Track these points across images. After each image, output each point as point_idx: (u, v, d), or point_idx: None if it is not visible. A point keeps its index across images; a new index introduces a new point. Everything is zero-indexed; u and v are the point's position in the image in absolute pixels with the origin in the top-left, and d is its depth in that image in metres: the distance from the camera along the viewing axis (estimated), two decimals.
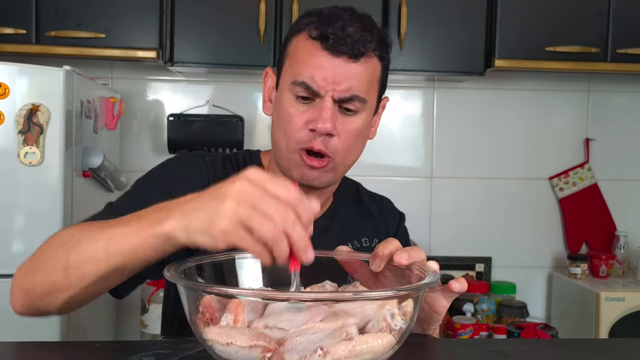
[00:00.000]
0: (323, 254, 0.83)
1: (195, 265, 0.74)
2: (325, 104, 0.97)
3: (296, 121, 0.99)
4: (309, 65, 0.98)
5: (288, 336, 0.61)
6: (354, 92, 0.98)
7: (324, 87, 0.97)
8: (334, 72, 0.97)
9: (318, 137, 0.99)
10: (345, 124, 1.00)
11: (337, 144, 1.00)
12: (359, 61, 0.98)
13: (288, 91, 1.01)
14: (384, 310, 0.64)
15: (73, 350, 0.84)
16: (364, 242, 1.13)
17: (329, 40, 0.96)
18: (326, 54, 0.97)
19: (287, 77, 1.02)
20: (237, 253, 0.80)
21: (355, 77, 0.98)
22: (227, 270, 0.79)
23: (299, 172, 1.02)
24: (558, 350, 0.86)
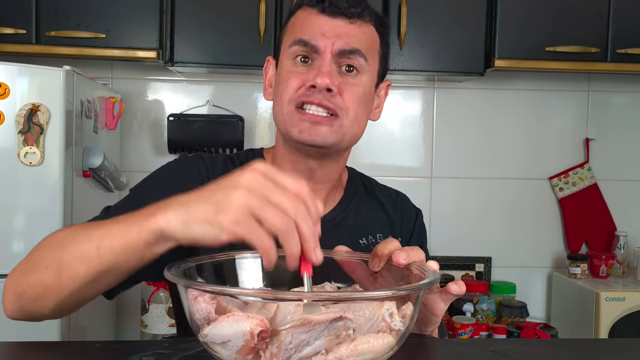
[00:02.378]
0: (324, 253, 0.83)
1: (195, 265, 0.74)
2: (324, 60, 0.96)
3: (294, 81, 0.97)
4: (307, 27, 0.98)
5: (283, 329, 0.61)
6: (354, 45, 0.97)
7: (322, 42, 0.96)
8: (332, 30, 0.97)
9: (317, 93, 0.96)
10: (347, 83, 0.98)
11: (339, 101, 0.97)
12: (356, 23, 0.98)
13: (287, 57, 1.00)
14: (382, 310, 0.63)
15: (73, 350, 0.84)
16: (378, 238, 1.08)
17: (324, 2, 0.97)
18: (323, 16, 0.98)
19: (286, 46, 1.01)
20: (237, 253, 0.80)
21: (354, 34, 0.98)
22: (227, 270, 0.79)
23: (298, 129, 0.97)
24: (558, 350, 0.86)
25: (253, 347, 0.59)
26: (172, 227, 0.69)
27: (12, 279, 0.87)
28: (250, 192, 0.65)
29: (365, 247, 1.06)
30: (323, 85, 0.95)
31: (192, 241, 0.69)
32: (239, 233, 0.65)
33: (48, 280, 0.81)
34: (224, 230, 0.65)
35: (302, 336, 0.60)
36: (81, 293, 0.81)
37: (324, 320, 0.59)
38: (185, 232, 0.68)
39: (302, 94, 0.96)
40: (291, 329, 0.59)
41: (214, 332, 0.61)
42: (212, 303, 0.63)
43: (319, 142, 0.97)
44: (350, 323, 0.60)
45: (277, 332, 0.60)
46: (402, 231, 1.13)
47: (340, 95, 0.97)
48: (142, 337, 2.31)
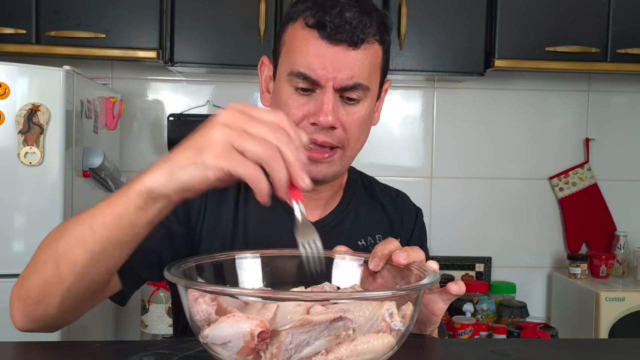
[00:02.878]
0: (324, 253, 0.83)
1: (195, 265, 0.74)
2: (327, 96, 0.93)
3: (295, 113, 0.94)
4: (306, 54, 0.93)
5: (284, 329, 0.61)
6: (356, 80, 0.94)
7: (324, 77, 0.92)
8: (334, 61, 0.92)
9: (320, 131, 0.94)
10: (349, 114, 0.95)
11: (341, 135, 0.96)
12: (359, 48, 0.93)
13: (286, 83, 0.96)
14: (382, 310, 0.63)
15: (73, 350, 0.84)
16: (377, 239, 1.07)
17: (326, 29, 0.91)
18: (324, 42, 0.92)
19: (284, 68, 0.97)
20: (237, 253, 0.80)
21: (356, 65, 0.93)
22: (227, 270, 0.79)
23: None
24: (558, 350, 0.86)
25: (253, 347, 0.59)
26: (158, 182, 0.69)
27: (16, 286, 0.86)
28: (229, 127, 0.65)
29: (364, 248, 1.06)
30: (327, 124, 0.93)
31: (181, 190, 0.68)
32: (224, 167, 0.65)
33: (48, 274, 0.80)
34: (209, 168, 0.66)
35: (302, 336, 0.60)
36: (83, 281, 0.79)
37: (324, 320, 0.59)
38: (172, 182, 0.68)
39: (306, 130, 0.93)
40: (291, 330, 0.59)
41: (215, 333, 0.61)
42: (212, 304, 0.63)
43: (320, 179, 0.98)
44: (350, 323, 0.60)
45: (277, 332, 0.60)
46: (402, 231, 1.12)
47: (343, 128, 0.95)
48: (142, 337, 2.31)
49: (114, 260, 0.79)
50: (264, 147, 0.64)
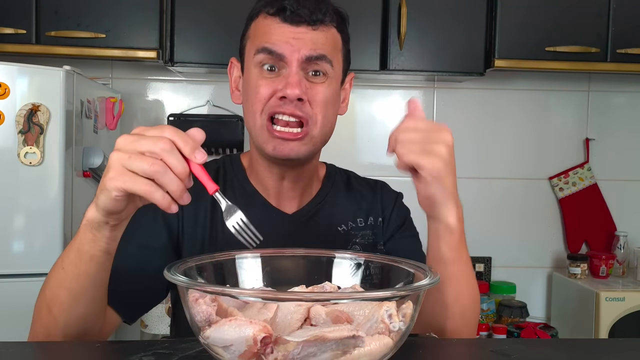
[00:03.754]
0: (324, 253, 0.83)
1: (195, 265, 0.74)
2: (292, 69, 0.97)
3: (263, 91, 0.98)
4: (270, 34, 0.98)
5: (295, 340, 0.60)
6: (319, 51, 0.98)
7: (289, 50, 0.97)
8: (297, 38, 0.97)
9: (288, 104, 0.97)
10: (315, 90, 0.98)
11: (309, 110, 0.98)
12: (319, 29, 0.98)
13: (253, 66, 1.00)
14: (382, 311, 0.63)
15: (73, 350, 0.84)
16: (359, 222, 1.10)
17: (286, 12, 0.97)
18: (286, 25, 0.97)
19: (250, 53, 1.01)
20: (237, 253, 0.80)
21: (319, 41, 0.98)
22: (227, 270, 0.79)
23: (271, 146, 0.99)
24: (558, 350, 0.86)
25: (256, 352, 0.59)
26: (91, 212, 0.77)
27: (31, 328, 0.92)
28: (120, 151, 0.72)
29: (345, 232, 1.09)
30: (293, 97, 0.96)
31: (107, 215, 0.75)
32: (119, 187, 0.71)
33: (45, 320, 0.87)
34: (110, 190, 0.72)
35: (310, 349, 0.60)
36: (74, 318, 0.85)
37: (338, 338, 0.59)
38: (99, 209, 0.75)
39: (273, 104, 0.97)
40: (302, 342, 0.59)
41: (216, 335, 0.61)
42: (213, 305, 0.63)
43: (293, 156, 1.00)
44: (361, 342, 0.60)
45: (286, 341, 0.60)
46: (382, 214, 1.14)
47: (310, 102, 0.98)
48: (142, 337, 2.31)
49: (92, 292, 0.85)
50: (149, 163, 0.69)
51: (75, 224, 1.84)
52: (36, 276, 1.74)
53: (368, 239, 1.10)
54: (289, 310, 0.65)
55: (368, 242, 1.10)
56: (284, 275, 0.81)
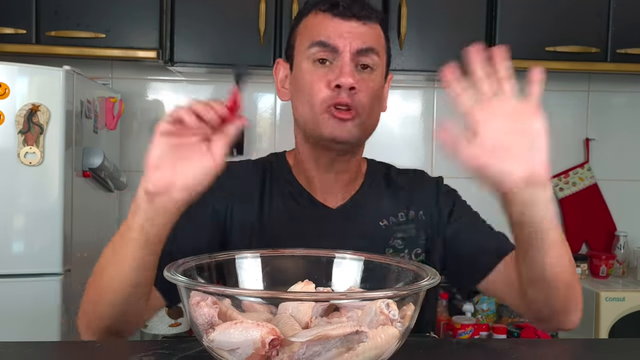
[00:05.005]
0: (324, 253, 0.83)
1: (195, 265, 0.74)
2: (345, 60, 1.02)
3: (318, 84, 1.03)
4: (324, 29, 1.03)
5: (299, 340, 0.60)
6: (369, 44, 1.04)
7: (342, 42, 1.02)
8: (349, 31, 1.03)
9: (343, 92, 1.01)
10: (365, 80, 1.04)
11: (361, 98, 1.03)
12: (368, 24, 1.04)
13: (305, 59, 1.05)
14: (378, 302, 0.63)
15: (73, 350, 0.84)
16: (400, 217, 1.13)
17: (339, 7, 1.03)
18: (338, 19, 1.03)
19: (303, 48, 1.05)
20: (238, 253, 0.80)
21: (368, 34, 1.04)
22: (227, 270, 0.79)
23: (329, 129, 1.03)
24: (558, 350, 0.86)
25: (263, 354, 0.59)
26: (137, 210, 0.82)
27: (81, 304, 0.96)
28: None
29: (387, 227, 1.11)
30: (347, 85, 1.01)
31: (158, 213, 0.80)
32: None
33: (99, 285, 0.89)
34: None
35: (315, 348, 0.60)
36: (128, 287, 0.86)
37: (341, 334, 0.59)
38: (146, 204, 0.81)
39: (330, 96, 1.02)
40: (307, 342, 0.59)
41: (222, 338, 0.61)
42: (215, 307, 0.63)
43: (348, 138, 1.05)
44: (365, 337, 0.60)
45: (290, 342, 0.60)
46: (426, 207, 1.16)
47: (360, 92, 1.03)
48: (142, 337, 2.31)
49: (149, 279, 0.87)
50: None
51: (75, 224, 1.84)
52: (36, 276, 1.74)
53: (410, 232, 1.12)
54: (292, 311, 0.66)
55: (410, 236, 1.12)
56: (284, 275, 0.81)
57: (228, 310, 0.65)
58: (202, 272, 0.75)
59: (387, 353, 0.64)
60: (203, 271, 0.75)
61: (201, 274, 0.75)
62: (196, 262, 0.75)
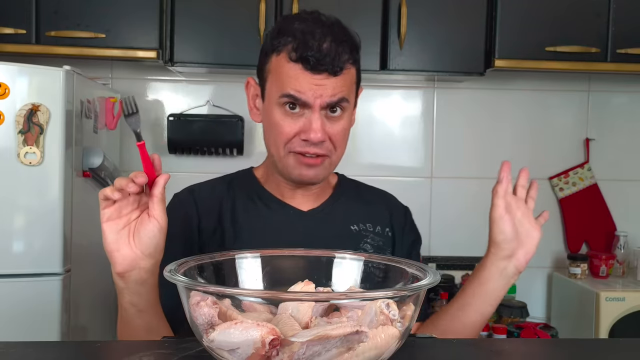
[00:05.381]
0: (324, 253, 0.83)
1: (195, 265, 0.74)
2: (314, 115, 1.05)
3: (287, 131, 1.06)
4: (294, 82, 1.04)
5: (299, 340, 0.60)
6: (339, 96, 1.06)
7: (312, 97, 1.04)
8: (319, 85, 1.04)
9: (311, 145, 1.06)
10: (334, 126, 1.08)
11: (329, 146, 1.08)
12: (340, 75, 1.05)
13: (277, 105, 1.07)
14: (378, 302, 0.63)
15: (73, 350, 0.84)
16: (368, 227, 1.18)
17: (309, 63, 1.03)
18: (308, 73, 1.03)
19: (274, 91, 1.07)
20: (237, 252, 0.80)
21: (338, 86, 1.05)
22: (227, 271, 0.79)
23: (297, 171, 1.09)
24: (558, 350, 0.86)
25: (263, 354, 0.59)
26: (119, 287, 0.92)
27: None
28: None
29: (357, 232, 1.16)
30: (316, 140, 1.05)
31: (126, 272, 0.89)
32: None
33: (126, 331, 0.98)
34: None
35: (315, 348, 0.60)
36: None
37: (342, 334, 0.59)
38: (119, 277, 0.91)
39: (297, 144, 1.07)
40: (307, 342, 0.59)
41: (222, 338, 0.61)
42: (214, 307, 0.63)
43: (315, 181, 1.12)
44: (365, 337, 0.60)
45: (290, 342, 0.60)
46: (392, 224, 1.22)
47: (330, 140, 1.07)
48: None
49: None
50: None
51: (75, 224, 1.84)
52: (36, 276, 1.74)
53: (378, 242, 1.17)
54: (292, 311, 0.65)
55: (378, 244, 1.17)
56: (284, 275, 0.81)
57: (228, 311, 0.65)
58: (202, 272, 0.75)
59: (387, 353, 0.64)
60: (203, 271, 0.76)
61: (201, 274, 0.75)
62: (196, 262, 0.75)
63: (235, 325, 0.61)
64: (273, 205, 1.16)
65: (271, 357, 0.59)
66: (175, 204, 1.17)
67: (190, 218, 1.13)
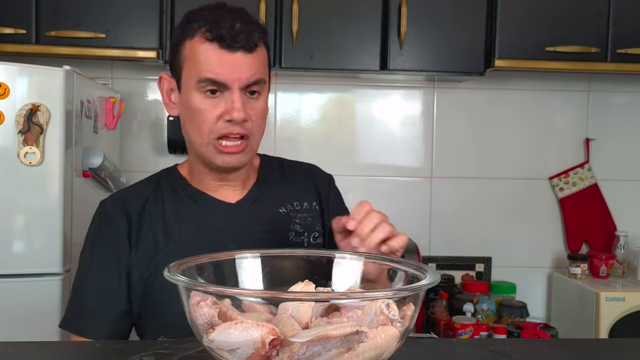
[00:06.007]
0: (324, 253, 0.83)
1: (195, 265, 0.74)
2: (235, 95, 1.07)
3: (209, 115, 1.08)
4: (211, 62, 1.07)
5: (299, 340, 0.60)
6: (257, 76, 1.09)
7: (230, 79, 1.07)
8: (236, 65, 1.07)
9: (234, 125, 1.08)
10: (253, 107, 1.10)
11: (252, 126, 1.10)
12: (253, 52, 1.08)
13: (195, 90, 1.09)
14: (378, 302, 0.63)
15: (73, 350, 0.84)
16: (296, 206, 1.21)
17: (225, 40, 1.05)
18: (224, 51, 1.06)
19: (191, 77, 1.09)
20: (237, 253, 0.80)
21: (254, 66, 1.09)
22: (227, 271, 0.79)
23: (220, 159, 1.11)
24: (558, 350, 0.86)
25: (263, 354, 0.59)
26: None
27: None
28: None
29: (285, 214, 1.20)
30: (240, 119, 1.07)
31: None
32: None
33: None
34: None
35: (315, 348, 0.59)
36: None
37: (342, 334, 0.59)
38: None
39: (221, 127, 1.08)
40: (307, 342, 0.59)
41: (221, 338, 0.61)
42: (215, 307, 0.63)
43: (238, 166, 1.14)
44: (365, 337, 0.60)
45: (290, 342, 0.60)
46: (319, 195, 1.25)
47: (250, 119, 1.10)
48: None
49: None
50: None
51: (75, 224, 1.84)
52: (36, 276, 1.74)
53: (306, 220, 1.21)
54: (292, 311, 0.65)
55: (307, 222, 1.20)
56: (284, 275, 0.81)
57: (228, 311, 0.65)
58: (202, 272, 0.75)
59: (387, 353, 0.64)
60: (203, 271, 0.75)
61: (201, 274, 0.75)
62: (196, 262, 0.75)
63: (235, 326, 0.61)
64: (200, 201, 1.17)
65: (271, 357, 0.59)
66: (103, 216, 1.17)
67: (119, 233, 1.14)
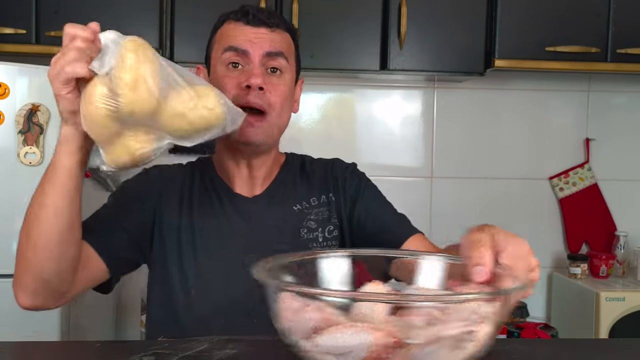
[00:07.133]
0: (384, 252, 0.83)
1: (279, 265, 0.72)
2: (254, 63, 1.12)
3: (230, 83, 1.12)
4: (235, 36, 1.14)
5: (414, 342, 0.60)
6: (278, 48, 1.14)
7: (251, 47, 1.12)
8: (258, 37, 1.13)
9: (253, 93, 1.10)
10: (273, 83, 1.13)
11: (270, 98, 1.12)
12: (276, 31, 1.15)
13: (220, 63, 1.15)
14: (472, 303, 0.62)
15: (73, 350, 0.84)
16: (312, 202, 1.21)
17: (249, 15, 1.14)
18: (248, 27, 1.14)
19: (218, 51, 1.16)
20: (320, 252, 0.80)
21: (276, 40, 1.14)
22: (309, 270, 0.77)
23: (241, 133, 1.12)
24: (558, 350, 0.86)
25: (375, 357, 0.59)
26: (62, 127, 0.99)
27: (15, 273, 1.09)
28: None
29: (300, 211, 1.20)
30: (256, 85, 1.10)
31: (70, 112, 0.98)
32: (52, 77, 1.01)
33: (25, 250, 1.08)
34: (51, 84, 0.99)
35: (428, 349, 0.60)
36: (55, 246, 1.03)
37: (458, 334, 0.60)
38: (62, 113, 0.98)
39: (239, 95, 1.11)
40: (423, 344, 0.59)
41: (329, 343, 0.61)
42: (321, 312, 0.62)
43: (258, 141, 1.14)
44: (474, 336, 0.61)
45: (405, 344, 0.60)
46: (333, 184, 1.24)
47: (269, 92, 1.12)
48: (142, 337, 2.31)
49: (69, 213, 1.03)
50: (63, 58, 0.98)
51: None
52: None
53: (322, 214, 1.21)
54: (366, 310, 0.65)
55: (322, 217, 1.20)
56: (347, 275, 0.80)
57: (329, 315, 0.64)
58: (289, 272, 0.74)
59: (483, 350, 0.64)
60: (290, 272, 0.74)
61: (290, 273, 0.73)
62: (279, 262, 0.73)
63: (345, 329, 0.61)
64: (222, 193, 1.20)
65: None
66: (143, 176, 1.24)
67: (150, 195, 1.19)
